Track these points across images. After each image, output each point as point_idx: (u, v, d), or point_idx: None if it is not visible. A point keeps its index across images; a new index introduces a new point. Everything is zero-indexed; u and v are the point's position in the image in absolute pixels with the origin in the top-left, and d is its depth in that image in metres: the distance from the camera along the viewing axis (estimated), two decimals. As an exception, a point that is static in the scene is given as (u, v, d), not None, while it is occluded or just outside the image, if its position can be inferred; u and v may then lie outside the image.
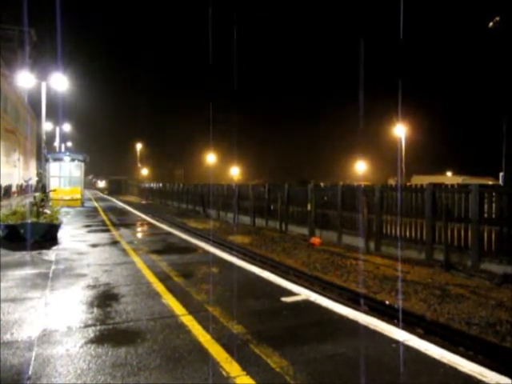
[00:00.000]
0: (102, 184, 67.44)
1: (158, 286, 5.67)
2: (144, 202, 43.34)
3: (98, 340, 3.81)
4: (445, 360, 3.43)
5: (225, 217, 24.95)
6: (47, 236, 9.68)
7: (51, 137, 48.60)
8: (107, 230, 12.27)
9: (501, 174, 28.39)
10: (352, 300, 7.91)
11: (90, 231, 11.99)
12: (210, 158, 65.38)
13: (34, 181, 36.77)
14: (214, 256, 8.20)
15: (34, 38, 58.84)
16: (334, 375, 3.19)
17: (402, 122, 34.11)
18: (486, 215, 10.41)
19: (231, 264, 7.41)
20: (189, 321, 4.30)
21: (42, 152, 24.01)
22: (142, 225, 14.55)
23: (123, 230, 12.34)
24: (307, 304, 4.98)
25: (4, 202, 18.19)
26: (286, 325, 4.25)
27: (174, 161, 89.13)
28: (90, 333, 3.98)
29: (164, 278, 6.12)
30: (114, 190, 61.50)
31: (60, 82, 23.16)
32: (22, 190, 33.77)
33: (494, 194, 10.40)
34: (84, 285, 5.78)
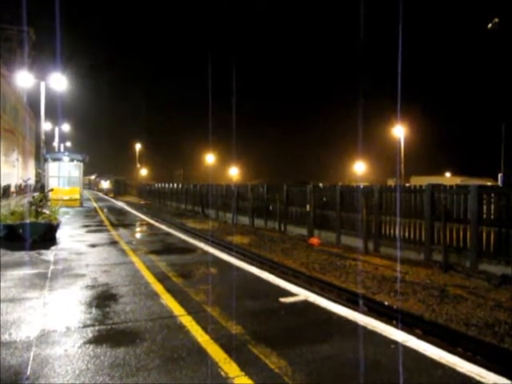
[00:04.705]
0: (105, 184, 65.47)
1: (157, 287, 5.66)
2: (143, 202, 43.27)
3: (97, 340, 3.80)
4: (443, 361, 3.43)
5: (224, 217, 24.93)
6: (46, 236, 9.66)
7: (50, 137, 48.57)
8: (106, 230, 12.25)
9: (499, 175, 28.49)
10: (351, 301, 7.92)
11: (88, 231, 11.97)
12: (209, 158, 65.34)
13: (32, 181, 36.73)
14: (213, 256, 8.19)
15: (33, 37, 58.80)
16: (333, 376, 3.19)
17: (401, 123, 34.12)
18: (484, 216, 10.42)
19: (230, 264, 7.41)
20: (187, 321, 4.30)
21: (41, 152, 23.97)
22: (140, 225, 14.53)
23: (122, 230, 12.33)
24: (306, 304, 4.98)
25: (3, 202, 18.16)
26: (285, 325, 4.25)
27: (174, 161, 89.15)
28: (89, 333, 3.98)
29: (163, 279, 6.12)
30: (117, 190, 60.37)
31: (59, 81, 23.14)
32: (21, 189, 33.70)
33: (492, 194, 10.41)
34: (83, 285, 5.77)
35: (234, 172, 66.69)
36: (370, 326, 4.20)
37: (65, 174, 23.64)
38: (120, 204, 28.88)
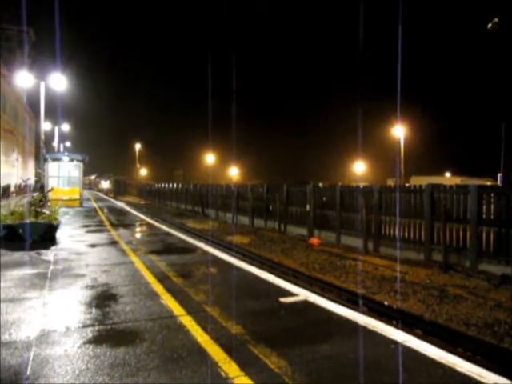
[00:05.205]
0: (105, 184, 65.40)
1: (157, 287, 5.66)
2: (143, 202, 43.28)
3: (97, 340, 3.80)
4: (443, 361, 3.43)
5: (224, 217, 24.93)
6: (46, 236, 9.66)
7: (50, 137, 48.54)
8: (106, 230, 12.25)
9: (499, 175, 28.48)
10: (351, 301, 7.92)
11: (88, 231, 11.97)
12: (209, 158, 65.32)
13: (32, 181, 36.72)
14: (213, 256, 8.19)
15: (33, 37, 58.77)
16: (333, 376, 3.19)
17: (401, 123, 34.09)
18: (484, 216, 10.42)
19: (230, 264, 7.40)
20: (187, 321, 4.30)
21: (41, 152, 23.96)
22: (140, 225, 14.53)
23: (122, 230, 12.32)
24: (306, 304, 4.98)
25: (3, 202, 18.16)
26: (285, 325, 4.24)
27: (174, 161, 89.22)
28: (89, 333, 3.98)
29: (163, 279, 6.12)
30: (117, 190, 60.31)
31: (59, 81, 23.10)
32: (21, 189, 33.68)
33: (492, 194, 10.41)
34: (82, 285, 5.77)
35: (233, 172, 66.67)
36: (370, 326, 4.20)
37: (64, 174, 23.64)
38: (120, 204, 28.88)
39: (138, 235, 11.98)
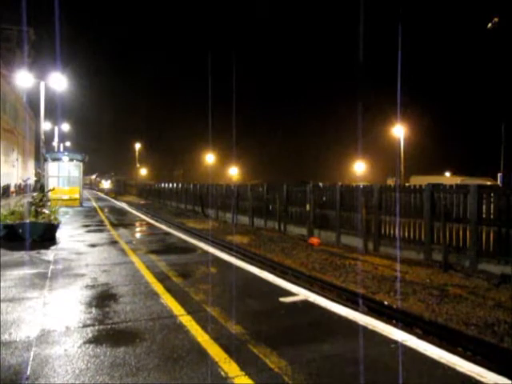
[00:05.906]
0: (106, 184, 65.22)
1: (157, 286, 5.66)
2: (143, 201, 43.26)
3: (97, 340, 3.80)
4: (443, 360, 3.43)
5: (223, 217, 24.93)
6: (46, 236, 9.67)
7: (50, 136, 48.54)
8: (106, 230, 12.25)
9: (499, 175, 28.48)
10: (351, 300, 7.92)
11: (88, 231, 11.97)
12: (209, 158, 65.28)
13: (32, 181, 36.74)
14: (213, 256, 8.19)
15: (33, 37, 58.84)
16: (333, 376, 3.19)
17: (402, 123, 34.08)
18: (484, 216, 10.42)
19: (230, 264, 7.41)
20: (187, 321, 4.30)
21: (41, 152, 23.95)
22: (140, 225, 14.53)
23: (122, 230, 12.32)
24: (306, 304, 4.98)
25: (2, 202, 18.16)
26: (285, 325, 4.25)
27: (173, 161, 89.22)
28: (89, 333, 3.98)
29: (163, 278, 6.12)
30: (118, 190, 60.12)
31: (59, 81, 23.08)
32: (21, 189, 33.71)
33: (492, 194, 10.41)
34: (82, 285, 5.78)
35: (233, 172, 66.63)
36: (370, 326, 4.20)
37: (64, 174, 23.65)
38: (120, 204, 28.88)
39: (138, 235, 11.98)
